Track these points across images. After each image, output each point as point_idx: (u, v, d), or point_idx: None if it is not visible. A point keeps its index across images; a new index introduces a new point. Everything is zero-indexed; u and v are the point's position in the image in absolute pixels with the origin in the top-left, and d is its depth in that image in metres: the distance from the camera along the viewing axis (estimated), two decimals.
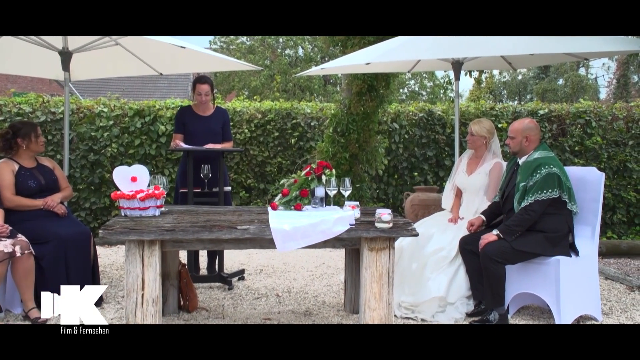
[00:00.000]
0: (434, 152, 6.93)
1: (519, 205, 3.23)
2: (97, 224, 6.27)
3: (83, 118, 6.36)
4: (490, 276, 3.21)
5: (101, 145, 6.35)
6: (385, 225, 2.79)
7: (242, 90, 16.96)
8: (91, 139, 6.32)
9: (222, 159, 4.15)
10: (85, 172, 6.31)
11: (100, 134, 6.32)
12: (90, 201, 6.30)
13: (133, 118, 6.41)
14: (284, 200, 3.18)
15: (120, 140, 6.38)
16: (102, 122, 6.34)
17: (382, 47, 4.06)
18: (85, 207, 6.30)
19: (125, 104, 6.59)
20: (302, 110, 6.95)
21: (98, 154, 6.33)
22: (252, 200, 6.75)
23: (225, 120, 4.36)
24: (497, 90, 28.17)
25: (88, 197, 6.30)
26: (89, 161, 6.32)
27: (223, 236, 2.73)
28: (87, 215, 6.32)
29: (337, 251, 5.57)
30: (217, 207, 3.68)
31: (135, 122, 6.39)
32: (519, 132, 3.36)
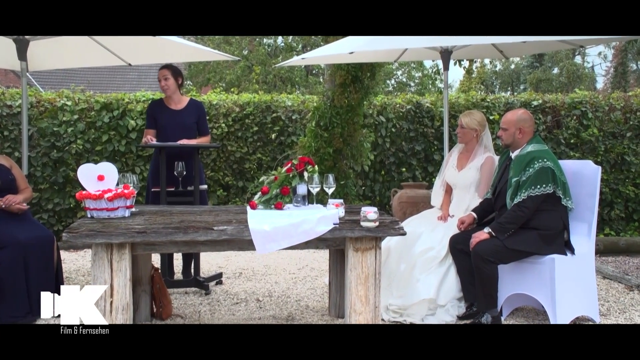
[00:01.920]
0: (423, 147, 6.98)
1: (511, 202, 3.27)
2: (61, 226, 6.19)
3: (44, 112, 6.27)
4: (482, 277, 3.25)
5: (65, 142, 6.27)
6: (371, 224, 2.80)
7: (219, 83, 16.85)
8: (53, 135, 6.23)
9: (198, 155, 4.14)
10: (47, 171, 6.22)
11: (64, 130, 6.24)
12: (53, 202, 6.22)
13: (100, 112, 6.34)
14: (263, 199, 3.17)
15: (86, 136, 6.30)
16: (66, 116, 6.25)
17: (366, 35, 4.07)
18: (47, 208, 6.21)
19: (91, 97, 6.51)
20: (283, 103, 6.94)
21: (61, 151, 6.25)
22: (230, 199, 6.73)
23: (201, 113, 4.33)
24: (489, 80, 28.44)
25: (51, 198, 6.22)
26: (52, 159, 6.23)
27: (199, 238, 2.72)
28: (50, 217, 6.24)
29: (321, 252, 5.58)
30: (193, 207, 3.66)
31: (102, 116, 6.32)
32: (512, 123, 3.40)
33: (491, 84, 28.89)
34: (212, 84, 17.29)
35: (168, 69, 4.22)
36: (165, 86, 4.19)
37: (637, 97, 7.34)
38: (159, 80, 4.21)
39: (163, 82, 4.18)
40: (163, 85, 4.19)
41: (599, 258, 5.73)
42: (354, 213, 3.09)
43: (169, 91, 4.21)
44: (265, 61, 17.73)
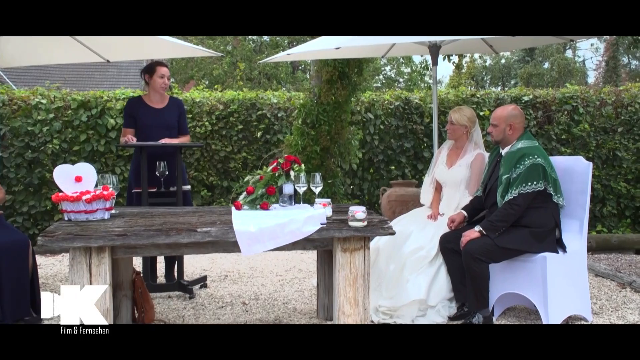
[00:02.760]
0: (412, 144, 7.00)
1: (502, 199, 3.30)
2: (37, 230, 6.13)
3: (17, 110, 6.20)
4: (473, 276, 3.27)
5: (40, 142, 6.20)
6: (360, 224, 2.81)
7: (202, 80, 16.79)
8: (28, 135, 6.16)
9: (180, 155, 4.12)
10: (21, 172, 6.15)
11: (39, 129, 6.17)
12: (28, 205, 6.15)
13: (77, 110, 6.28)
14: (249, 199, 3.17)
15: (62, 135, 6.24)
16: (41, 115, 6.19)
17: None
18: (22, 211, 6.14)
19: (67, 95, 6.44)
20: (268, 101, 6.93)
21: (37, 152, 6.18)
22: (215, 200, 6.71)
23: (181, 111, 4.32)
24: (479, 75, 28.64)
25: (26, 201, 6.15)
26: (26, 159, 6.16)
27: (182, 240, 2.70)
28: (24, 221, 6.17)
29: (309, 253, 5.58)
30: (175, 208, 3.64)
31: (79, 115, 6.26)
32: (502, 119, 3.43)
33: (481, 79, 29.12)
34: (196, 80, 17.22)
35: (167, 67, 4.21)
36: (164, 85, 4.17)
37: (629, 91, 7.43)
38: (159, 76, 4.13)
39: (162, 81, 4.15)
40: (161, 84, 4.15)
41: (591, 256, 5.80)
42: (342, 212, 3.09)
43: (164, 90, 4.19)
44: (250, 57, 17.69)
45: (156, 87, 4.16)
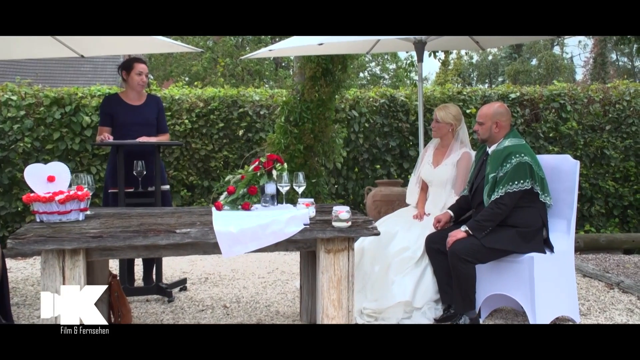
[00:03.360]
0: (398, 142, 7.04)
1: (488, 199, 3.32)
2: (8, 232, 6.05)
3: None
4: (459, 277, 3.29)
5: (10, 140, 6.12)
6: (343, 224, 2.81)
7: (182, 76, 16.70)
8: None
9: (159, 153, 4.09)
10: None
11: (9, 127, 6.09)
12: None
13: (50, 107, 6.21)
14: (229, 199, 3.15)
15: (34, 133, 6.17)
16: (11, 112, 6.11)
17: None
18: None
19: (39, 91, 6.37)
20: (250, 98, 6.92)
21: (7, 150, 6.10)
22: (195, 200, 6.68)
23: (160, 108, 4.29)
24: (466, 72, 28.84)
25: None
26: None
27: (160, 242, 2.68)
28: None
29: (292, 255, 5.58)
30: (154, 209, 3.62)
31: (52, 112, 6.19)
32: (488, 117, 3.46)
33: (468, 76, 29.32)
34: (175, 76, 17.12)
35: (146, 64, 4.18)
36: (142, 82, 4.14)
37: (616, 88, 7.54)
38: (137, 73, 4.10)
39: (140, 78, 4.12)
40: (139, 81, 4.12)
41: (579, 256, 5.88)
42: (326, 213, 3.09)
43: (142, 87, 4.16)
44: (231, 53, 17.63)
45: (134, 84, 4.13)
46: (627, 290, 4.28)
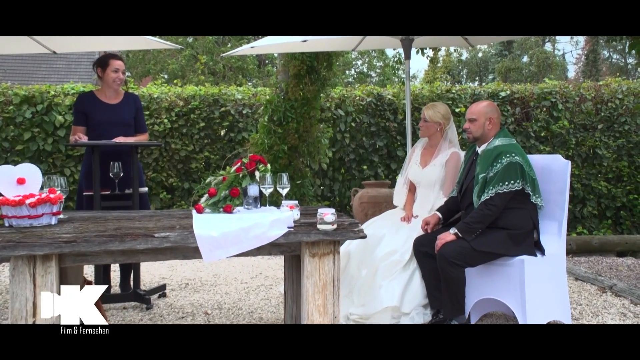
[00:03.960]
0: (385, 142, 7.06)
1: (478, 200, 3.34)
2: None
3: None
4: (448, 281, 3.31)
5: None
6: (329, 227, 2.81)
7: (160, 74, 16.60)
8: None
9: (136, 154, 4.07)
10: None
11: None
12: None
13: (20, 106, 6.15)
14: (211, 202, 3.14)
15: (3, 133, 6.10)
16: None
17: None
18: None
19: (8, 89, 6.30)
20: (232, 96, 6.91)
21: None
22: (175, 203, 6.65)
23: (138, 107, 4.27)
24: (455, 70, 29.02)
25: None
26: None
27: (137, 246, 2.66)
28: None
29: (276, 259, 5.57)
30: (131, 212, 3.59)
31: (23, 111, 6.13)
32: (481, 114, 3.47)
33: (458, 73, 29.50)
34: (153, 75, 17.01)
35: (122, 61, 4.15)
36: (119, 79, 4.11)
37: (608, 86, 7.62)
38: (113, 70, 4.07)
39: (117, 75, 4.09)
40: (115, 78, 4.09)
41: (571, 258, 5.94)
42: (310, 215, 3.10)
43: (118, 85, 4.13)
44: (212, 50, 17.56)
45: (110, 81, 4.10)
46: (620, 294, 4.32)
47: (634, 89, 7.58)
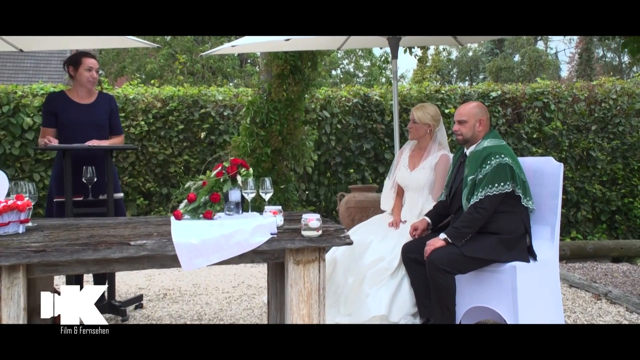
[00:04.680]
0: (372, 145, 7.09)
1: (467, 203, 3.36)
2: None
3: None
4: (438, 288, 3.32)
5: None
6: (314, 233, 2.82)
7: (136, 74, 16.52)
8: None
9: (111, 158, 4.04)
10: None
11: None
12: None
13: None
14: (190, 208, 3.14)
15: None
16: None
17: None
18: None
19: None
20: (213, 97, 6.90)
21: None
22: (153, 209, 6.62)
23: (113, 108, 4.25)
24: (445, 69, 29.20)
25: None
26: None
27: (112, 255, 2.65)
28: None
29: (259, 267, 5.57)
30: (106, 219, 3.57)
31: None
32: (471, 115, 3.49)
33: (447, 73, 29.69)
34: (129, 74, 16.93)
35: (96, 59, 4.14)
36: (93, 78, 4.08)
37: (602, 86, 7.71)
38: (87, 69, 4.04)
39: (90, 74, 4.06)
40: (89, 77, 4.06)
41: (564, 264, 6.00)
42: (295, 221, 3.10)
43: (92, 85, 4.11)
44: (191, 49, 17.53)
45: (83, 81, 4.08)
46: (616, 301, 4.37)
47: (628, 89, 7.67)
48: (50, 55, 17.59)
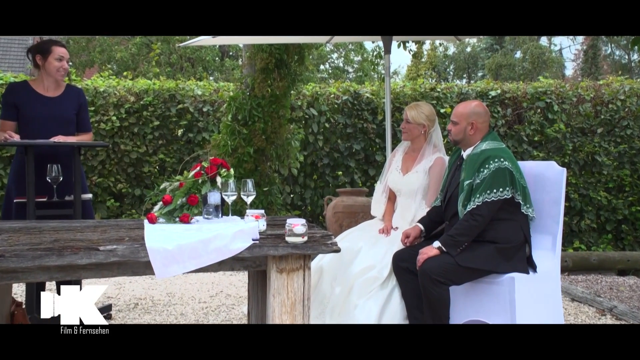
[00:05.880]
0: (362, 145, 7.12)
1: (463, 209, 3.38)
2: None
3: None
4: (431, 300, 3.34)
5: None
6: (299, 240, 2.83)
7: (107, 64, 16.43)
8: None
9: (79, 156, 4.02)
10: None
11: None
12: None
13: None
14: (165, 210, 3.14)
15: None
16: None
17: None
18: None
19: None
20: (191, 92, 6.90)
21: None
22: (124, 212, 6.60)
23: (82, 103, 4.23)
24: (441, 66, 29.33)
25: None
26: None
27: (79, 261, 2.64)
28: None
29: (239, 275, 5.57)
30: (72, 222, 3.56)
31: None
32: (463, 117, 3.53)
33: (444, 70, 29.83)
34: (99, 64, 16.83)
35: (65, 48, 4.11)
36: (64, 69, 4.05)
37: (609, 86, 7.74)
38: (57, 59, 3.99)
39: (61, 64, 4.03)
40: (59, 67, 4.03)
41: (566, 277, 6.04)
42: (278, 226, 3.11)
43: (62, 76, 4.08)
44: (167, 38, 17.46)
45: (52, 71, 4.04)
46: (621, 317, 4.38)
47: (638, 89, 7.67)
48: (10, 41, 17.42)
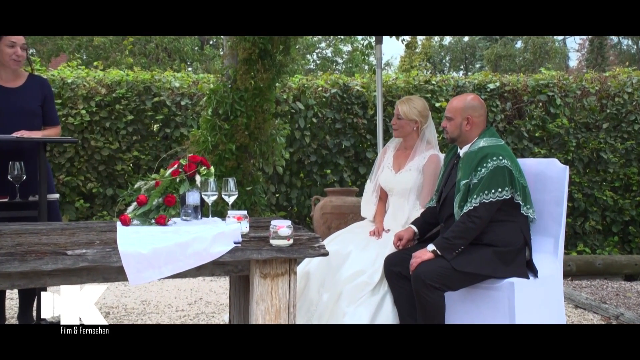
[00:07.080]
0: (352, 142, 7.13)
1: (460, 210, 3.39)
2: None
3: None
4: (425, 307, 3.35)
5: None
6: (284, 242, 2.84)
7: (76, 53, 16.33)
8: None
9: (44, 152, 4.01)
10: None
11: None
12: None
13: None
14: (140, 212, 3.14)
15: None
16: None
17: None
18: None
19: None
20: (168, 84, 6.88)
21: None
22: (95, 213, 6.58)
23: (47, 94, 4.20)
24: (437, 57, 29.39)
25: None
26: None
27: (44, 267, 2.63)
28: None
29: (220, 281, 5.57)
30: (37, 225, 3.54)
31: None
32: (458, 111, 3.54)
33: (439, 61, 29.91)
34: (68, 53, 16.72)
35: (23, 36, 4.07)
36: (18, 56, 4.00)
37: (615, 78, 7.76)
38: (9, 45, 3.93)
39: (13, 51, 3.99)
40: (12, 54, 3.99)
41: (570, 282, 6.07)
42: (262, 228, 3.12)
43: (17, 64, 4.04)
44: None
45: (5, 59, 4.00)
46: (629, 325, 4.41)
47: None
48: None
